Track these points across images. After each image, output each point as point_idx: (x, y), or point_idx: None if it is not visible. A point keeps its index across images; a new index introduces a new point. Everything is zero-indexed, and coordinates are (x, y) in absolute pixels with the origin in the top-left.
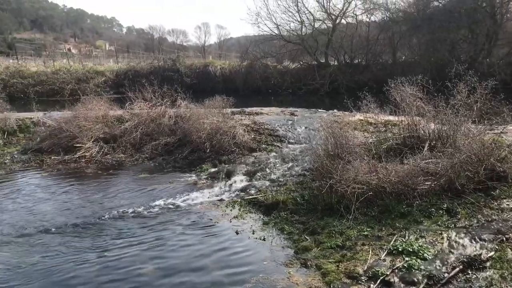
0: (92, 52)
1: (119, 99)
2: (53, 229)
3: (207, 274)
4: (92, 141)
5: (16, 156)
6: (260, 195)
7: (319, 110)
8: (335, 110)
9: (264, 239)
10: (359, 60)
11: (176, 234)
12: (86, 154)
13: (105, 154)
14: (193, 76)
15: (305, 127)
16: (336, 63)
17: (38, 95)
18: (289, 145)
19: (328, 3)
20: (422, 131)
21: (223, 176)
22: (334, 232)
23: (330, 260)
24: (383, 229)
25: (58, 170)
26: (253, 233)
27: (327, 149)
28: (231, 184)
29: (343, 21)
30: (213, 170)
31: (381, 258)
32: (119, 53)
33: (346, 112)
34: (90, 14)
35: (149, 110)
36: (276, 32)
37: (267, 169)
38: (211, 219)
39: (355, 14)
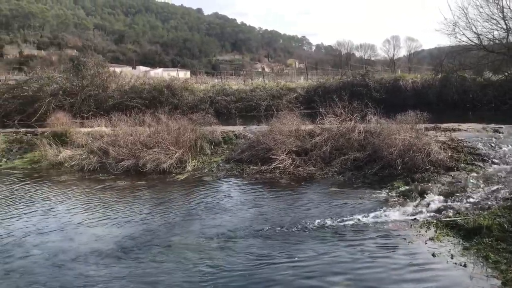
0: (283, 70)
1: (309, 114)
2: (251, 234)
3: None
4: (286, 154)
5: (221, 165)
6: (460, 217)
7: None
8: None
9: (464, 265)
10: None
11: (368, 251)
12: (280, 165)
13: (297, 166)
14: (382, 90)
15: None
16: None
17: (238, 111)
18: (493, 165)
19: None
20: None
21: (416, 195)
22: None
23: None
24: None
25: (255, 179)
26: (452, 258)
27: None
28: (425, 204)
29: None
30: (405, 188)
31: None
32: (308, 70)
33: None
34: (283, 34)
35: (338, 125)
36: (476, 42)
37: (466, 190)
38: (404, 239)
39: None
